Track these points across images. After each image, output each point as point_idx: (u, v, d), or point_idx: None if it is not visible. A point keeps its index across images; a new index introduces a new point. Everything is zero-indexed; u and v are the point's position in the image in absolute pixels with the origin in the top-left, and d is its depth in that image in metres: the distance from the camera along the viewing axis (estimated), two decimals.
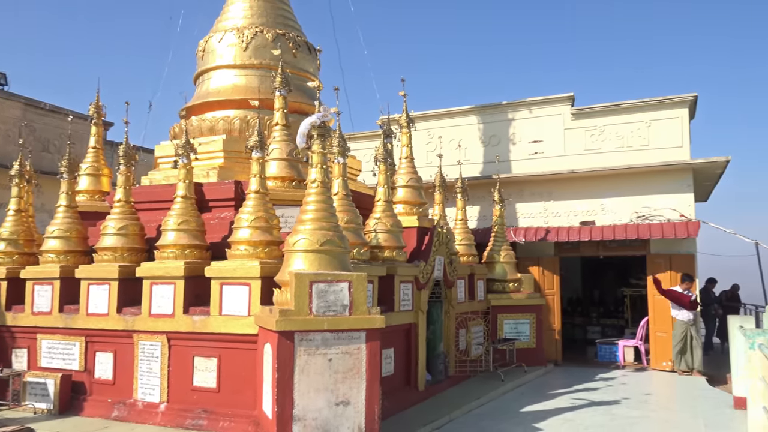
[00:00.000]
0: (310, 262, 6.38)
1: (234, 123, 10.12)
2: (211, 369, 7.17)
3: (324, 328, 6.02)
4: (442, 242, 9.65)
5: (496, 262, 12.18)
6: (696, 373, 11.24)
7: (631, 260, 15.53)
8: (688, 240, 12.09)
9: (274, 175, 8.82)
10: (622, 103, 12.87)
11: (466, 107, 14.37)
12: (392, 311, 8.16)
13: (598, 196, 12.91)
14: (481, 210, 13.94)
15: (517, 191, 13.53)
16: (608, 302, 17.74)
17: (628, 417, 8.05)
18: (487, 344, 10.96)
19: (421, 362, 8.86)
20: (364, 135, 14.86)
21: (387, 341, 7.97)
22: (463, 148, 13.95)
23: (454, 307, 10.22)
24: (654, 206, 12.40)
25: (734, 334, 8.49)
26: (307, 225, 6.55)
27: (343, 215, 7.59)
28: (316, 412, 5.92)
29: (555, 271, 13.24)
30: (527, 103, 13.77)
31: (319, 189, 6.76)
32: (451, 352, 10.12)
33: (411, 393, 8.55)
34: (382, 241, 8.56)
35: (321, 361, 6.01)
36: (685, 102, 12.41)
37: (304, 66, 11.03)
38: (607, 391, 9.80)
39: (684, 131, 12.40)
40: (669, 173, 12.30)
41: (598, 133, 13.09)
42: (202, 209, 8.45)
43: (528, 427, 7.52)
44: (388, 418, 7.43)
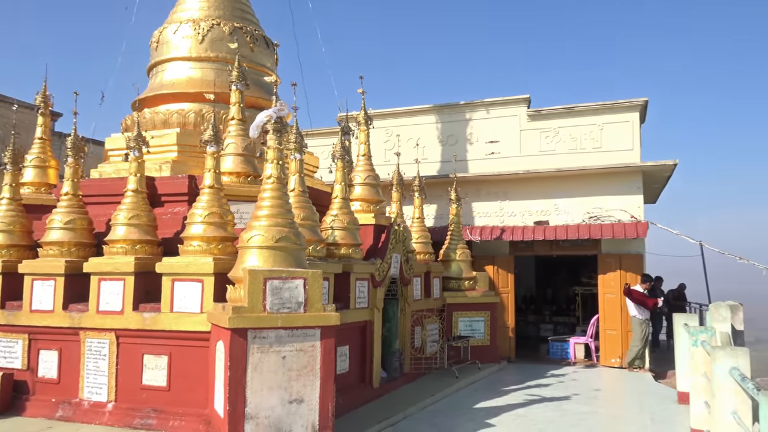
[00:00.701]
0: (265, 258, 6.30)
1: (188, 116, 9.92)
2: (162, 367, 7.01)
3: (278, 325, 5.96)
4: (398, 240, 9.67)
5: (452, 261, 12.28)
6: (630, 368, 11.63)
7: (582, 259, 15.90)
8: (637, 240, 12.44)
9: (229, 170, 8.68)
10: (576, 106, 13.14)
11: (425, 106, 14.44)
12: (348, 309, 8.13)
13: (552, 196, 13.15)
14: (438, 208, 14.03)
15: (473, 190, 13.67)
16: (561, 300, 18.14)
17: (578, 412, 8.23)
18: (442, 341, 11.05)
19: (377, 360, 8.86)
20: (322, 132, 14.77)
21: (342, 339, 7.94)
22: (421, 146, 14.01)
23: (410, 305, 10.26)
24: (605, 207, 12.71)
25: (679, 332, 8.77)
26: (262, 221, 6.47)
27: (299, 212, 7.53)
28: (269, 411, 5.86)
29: (509, 269, 13.44)
30: (485, 104, 13.92)
31: (274, 185, 6.68)
32: (406, 349, 10.16)
33: (366, 390, 8.55)
34: (339, 239, 8.52)
35: (275, 358, 5.94)
36: (636, 106, 12.76)
37: (261, 60, 10.89)
38: (558, 387, 10.00)
39: (635, 134, 12.74)
40: (620, 175, 12.63)
41: (552, 135, 13.34)
42: (154, 204, 8.26)
43: (480, 423, 7.61)
44: (342, 416, 7.41)
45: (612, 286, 12.53)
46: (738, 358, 4.92)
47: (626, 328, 12.27)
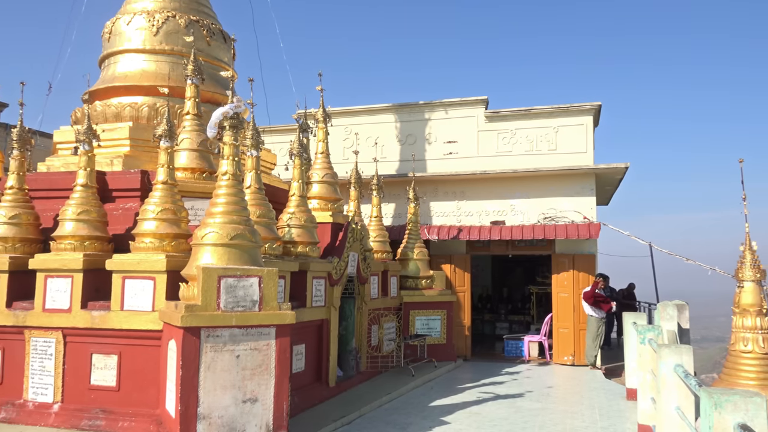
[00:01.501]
0: (219, 256, 6.20)
1: (142, 110, 9.69)
2: (111, 367, 6.83)
3: (232, 323, 5.88)
4: (356, 239, 9.66)
5: (409, 259, 12.34)
6: (592, 366, 11.88)
7: (537, 259, 16.20)
8: (590, 241, 12.74)
9: (183, 166, 8.51)
10: (532, 108, 13.36)
11: (384, 105, 14.46)
12: (304, 307, 8.08)
13: (508, 197, 13.34)
14: (396, 207, 14.07)
15: (431, 190, 13.76)
16: (516, 299, 18.44)
17: (531, 409, 8.38)
18: (399, 340, 11.09)
19: (333, 358, 8.83)
20: (280, 128, 14.63)
21: (298, 337, 7.90)
22: (380, 145, 14.03)
23: (367, 304, 10.26)
24: (559, 208, 12.96)
25: (628, 330, 9.02)
26: (217, 218, 6.37)
27: (255, 209, 7.44)
28: (222, 410, 5.78)
29: (466, 268, 13.58)
30: (443, 104, 14.03)
31: (230, 181, 6.58)
32: (363, 348, 10.16)
33: (322, 389, 8.51)
34: (296, 237, 8.46)
35: (228, 357, 5.86)
36: (590, 110, 13.05)
37: (218, 55, 10.72)
38: (512, 385, 10.16)
39: (588, 137, 13.04)
40: (574, 177, 12.90)
41: (509, 136, 13.53)
42: (105, 199, 8.03)
43: (435, 420, 7.67)
44: (297, 415, 7.37)
45: (565, 285, 12.79)
46: (682, 355, 5.09)
47: (579, 327, 12.55)
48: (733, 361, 7.18)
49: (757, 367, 6.96)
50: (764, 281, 7.29)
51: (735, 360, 7.13)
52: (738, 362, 7.09)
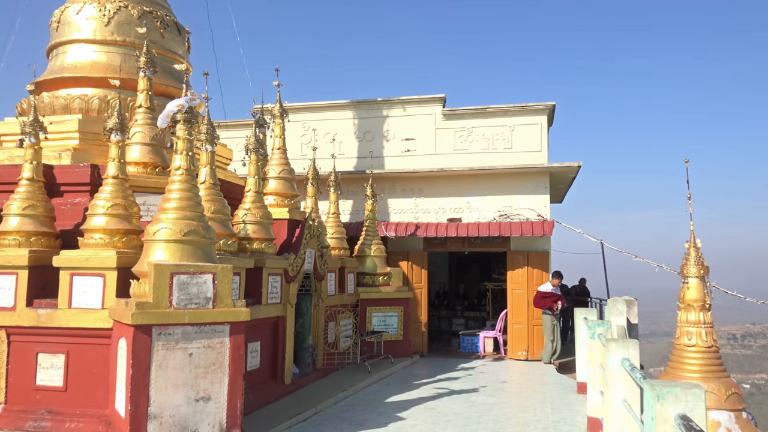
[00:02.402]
0: (172, 252, 6.08)
1: (92, 102, 9.41)
2: (58, 366, 6.62)
3: (185, 321, 5.78)
4: (313, 235, 9.62)
5: (366, 256, 12.36)
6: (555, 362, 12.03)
7: (493, 256, 16.45)
8: (544, 238, 12.99)
9: (135, 161, 8.31)
10: (489, 107, 13.53)
11: (342, 101, 14.43)
12: (260, 304, 8.01)
13: (465, 194, 13.49)
14: (354, 204, 14.07)
15: (389, 187, 13.80)
16: (472, 296, 18.69)
17: (484, 404, 8.51)
18: (356, 337, 11.10)
19: (289, 355, 8.78)
20: (237, 123, 14.44)
21: (253, 334, 7.82)
22: (338, 142, 14.00)
23: (324, 300, 10.23)
24: (515, 206, 13.18)
25: (579, 326, 9.24)
26: (170, 214, 6.24)
27: (209, 205, 7.33)
28: (174, 409, 5.67)
29: (423, 265, 13.68)
30: (401, 102, 14.08)
31: (183, 176, 6.46)
32: (319, 344, 10.13)
33: (277, 386, 8.45)
34: (251, 233, 8.37)
35: (181, 355, 5.76)
36: (545, 110, 13.30)
37: (172, 47, 10.49)
38: (467, 380, 10.29)
39: (543, 137, 13.29)
40: (529, 175, 13.13)
41: (466, 134, 13.67)
42: (53, 194, 7.78)
43: (391, 416, 7.71)
44: (252, 413, 7.31)
45: (520, 282, 13.02)
46: (629, 349, 5.24)
47: (533, 323, 12.80)
48: (677, 354, 7.44)
49: (700, 360, 7.23)
50: (707, 277, 7.58)
51: (679, 353, 7.39)
52: (682, 355, 7.35)
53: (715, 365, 7.28)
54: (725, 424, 6.94)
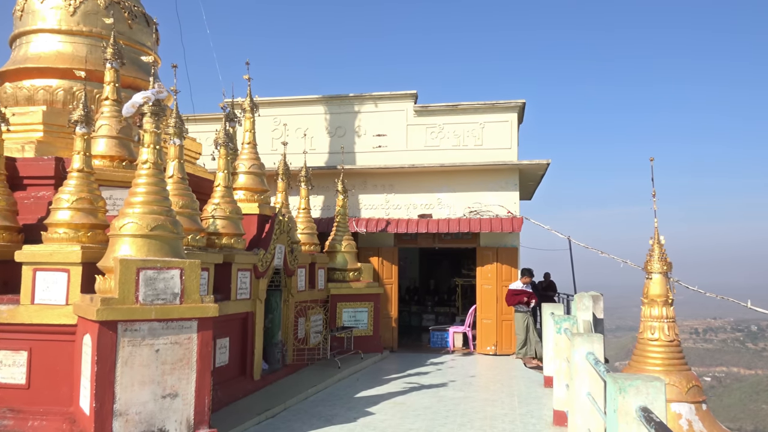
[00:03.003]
0: (139, 247, 6.00)
1: (57, 93, 9.21)
2: (20, 363, 6.46)
3: (151, 317, 5.71)
4: (283, 230, 9.57)
5: (337, 252, 12.35)
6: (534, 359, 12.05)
7: (463, 252, 16.58)
8: (513, 234, 13.15)
9: (101, 154, 8.15)
10: (460, 104, 13.62)
11: (314, 96, 14.37)
12: (229, 300, 7.95)
13: (435, 190, 13.57)
14: (325, 200, 14.04)
15: (360, 183, 13.81)
16: (442, 291, 18.82)
17: (453, 398, 8.59)
18: (326, 332, 11.09)
19: (258, 351, 8.74)
20: (206, 117, 14.27)
21: (222, 330, 7.76)
22: (309, 137, 13.95)
23: (294, 296, 10.20)
24: (484, 202, 13.31)
25: (546, 320, 9.38)
26: (137, 208, 6.15)
27: (177, 199, 7.24)
28: (141, 406, 5.61)
29: (394, 261, 13.72)
30: (373, 97, 14.08)
31: (151, 170, 6.36)
32: (289, 340, 10.10)
33: (246, 382, 8.41)
34: (220, 228, 8.29)
35: (147, 352, 5.69)
36: (515, 107, 13.44)
37: (140, 38, 10.31)
38: (436, 375, 10.38)
39: (513, 134, 13.43)
40: (498, 172, 13.27)
41: (437, 131, 13.75)
42: (16, 187, 7.60)
43: (361, 411, 7.73)
44: (221, 409, 7.26)
45: (489, 277, 13.16)
46: (593, 343, 5.35)
47: (501, 318, 12.95)
48: (641, 348, 7.62)
49: (663, 354, 7.42)
50: (670, 273, 7.77)
51: (643, 347, 7.57)
52: (645, 350, 7.52)
53: (677, 359, 7.47)
54: (686, 415, 7.14)
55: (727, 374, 66.98)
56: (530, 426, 7.14)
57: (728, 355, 72.59)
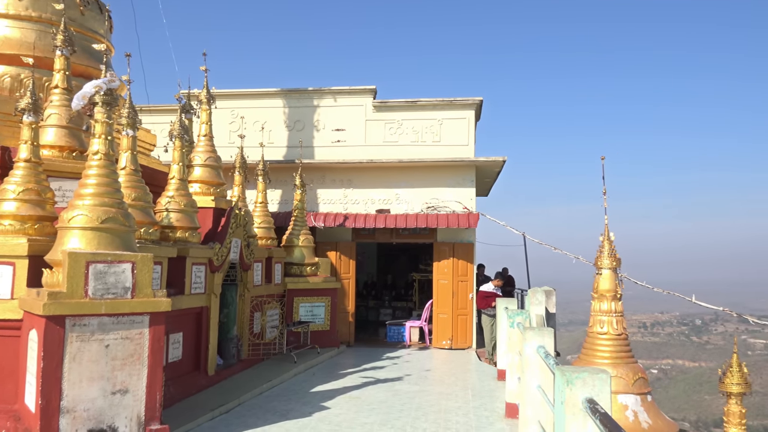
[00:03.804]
0: (88, 240, 5.85)
1: (3, 80, 8.87)
2: None
3: (101, 312, 5.59)
4: (239, 224, 9.47)
5: (294, 246, 12.28)
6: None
7: (421, 247, 16.70)
8: (469, 230, 13.32)
9: (50, 144, 7.90)
10: (418, 100, 13.70)
11: (272, 90, 14.23)
12: (183, 294, 7.84)
13: (393, 186, 13.63)
14: (282, 194, 13.94)
15: (319, 177, 13.75)
16: (400, 286, 18.93)
17: (408, 392, 8.67)
18: (282, 327, 11.03)
19: (212, 346, 8.63)
20: (161, 108, 13.96)
21: (175, 325, 7.65)
22: (267, 130, 13.81)
23: (250, 291, 10.11)
24: (442, 198, 13.43)
25: (501, 315, 9.55)
26: (87, 200, 6.00)
27: (130, 192, 7.09)
28: (89, 403, 5.48)
29: (351, 255, 13.73)
30: (332, 92, 14.02)
31: (102, 161, 6.21)
32: (245, 335, 10.01)
33: (200, 378, 8.30)
34: (175, 221, 8.15)
35: (97, 347, 5.57)
36: (472, 105, 13.59)
37: (92, 26, 10.01)
38: (392, 369, 10.45)
39: (470, 131, 13.58)
40: (456, 168, 13.40)
41: (396, 127, 13.79)
42: None
43: (316, 406, 7.73)
44: (173, 405, 7.16)
45: (446, 272, 13.30)
46: (544, 337, 5.48)
47: (457, 312, 13.12)
48: (590, 342, 7.84)
49: (611, 347, 7.65)
50: (619, 269, 8.01)
51: (592, 341, 7.79)
52: (595, 343, 7.75)
53: (624, 352, 7.72)
54: (632, 406, 7.38)
55: (672, 366, 69.44)
56: (483, 418, 7.27)
57: (674, 348, 75.25)
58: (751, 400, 33.58)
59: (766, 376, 58.02)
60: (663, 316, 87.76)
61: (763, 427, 48.27)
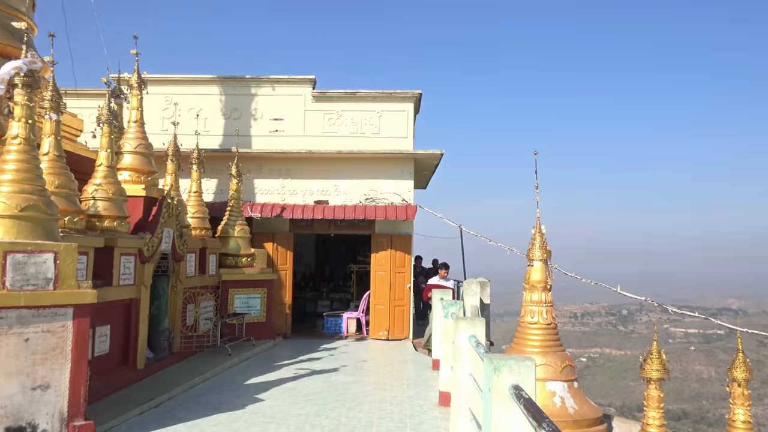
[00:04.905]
0: (6, 229, 5.55)
1: None
2: None
3: (20, 304, 5.32)
4: (171, 214, 9.21)
5: (230, 237, 12.06)
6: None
7: (359, 238, 16.70)
8: (407, 222, 13.43)
9: None
10: (358, 91, 13.67)
11: (208, 76, 13.88)
12: (110, 285, 7.57)
13: (332, 177, 13.57)
14: (218, 183, 13.64)
15: (256, 167, 13.54)
16: (338, 277, 18.90)
17: (344, 383, 8.68)
18: (216, 319, 10.83)
19: (142, 339, 8.39)
20: (89, 92, 13.37)
21: (102, 318, 7.39)
22: (203, 118, 13.47)
23: (183, 282, 9.86)
24: (380, 190, 13.48)
25: (436, 306, 9.69)
26: (5, 187, 5.69)
27: (53, 178, 6.77)
28: (7, 400, 5.22)
29: (289, 247, 13.61)
30: (271, 80, 13.81)
31: (22, 146, 5.90)
32: (177, 327, 9.76)
33: (129, 372, 8.06)
34: (102, 210, 7.85)
35: (15, 341, 5.30)
36: (411, 97, 13.67)
37: (11, 2, 9.44)
38: (328, 361, 10.44)
39: (409, 124, 13.67)
40: (395, 161, 13.47)
41: (335, 117, 13.73)
42: None
43: (250, 398, 7.64)
44: (100, 400, 6.92)
45: (383, 264, 13.37)
46: (476, 327, 5.60)
47: (394, 303, 13.22)
48: (522, 331, 8.08)
49: (541, 336, 7.90)
50: (550, 260, 8.27)
51: (523, 330, 8.03)
52: (525, 332, 7.99)
53: (553, 341, 7.99)
54: (559, 393, 7.66)
55: (600, 355, 72.44)
56: (417, 407, 7.37)
57: (602, 337, 78.50)
58: (671, 386, 35.43)
59: (685, 363, 61.42)
60: (592, 307, 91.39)
61: (682, 411, 51.09)
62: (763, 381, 54.91)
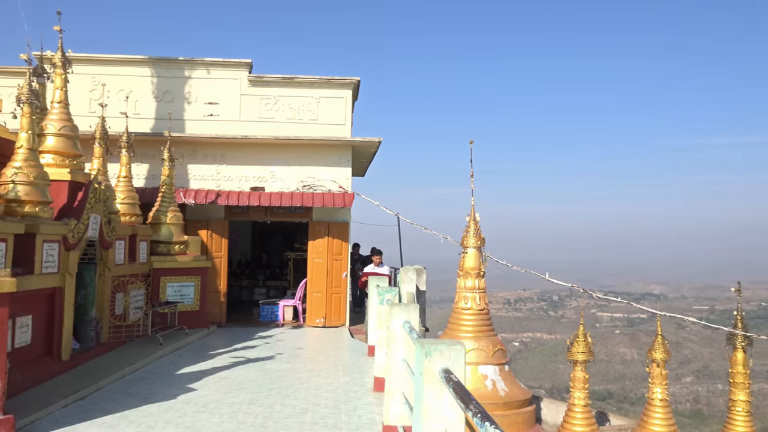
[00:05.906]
0: None
1: None
2: None
3: None
4: (99, 199, 8.87)
5: (162, 224, 11.73)
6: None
7: (296, 226, 16.60)
8: (345, 209, 13.42)
9: None
10: (296, 77, 13.50)
11: (139, 57, 13.38)
12: (32, 274, 7.23)
13: (269, 163, 13.38)
14: (150, 168, 13.21)
15: (190, 152, 13.19)
16: (275, 265, 18.71)
17: (279, 371, 8.64)
18: (147, 308, 10.53)
19: (67, 329, 8.07)
20: (8, 70, 12.64)
21: (23, 307, 7.07)
22: (133, 100, 13.01)
23: (111, 270, 9.54)
24: (318, 177, 13.40)
25: (372, 292, 9.76)
26: None
27: None
28: None
29: (224, 234, 13.36)
30: (205, 63, 13.45)
31: None
32: (105, 317, 9.44)
33: (53, 364, 7.74)
34: (22, 195, 7.46)
35: None
36: (350, 84, 13.62)
37: None
38: (263, 349, 10.35)
39: (347, 111, 13.62)
40: (332, 148, 13.41)
41: (272, 103, 13.52)
42: None
43: (182, 388, 7.49)
44: (21, 393, 6.64)
45: (321, 251, 13.33)
46: (410, 313, 5.68)
47: (331, 291, 13.22)
48: (455, 316, 8.25)
49: (474, 321, 8.10)
50: (483, 248, 8.46)
51: (457, 316, 8.20)
52: (459, 318, 8.16)
53: (486, 326, 8.21)
54: (491, 376, 7.88)
55: (532, 339, 74.89)
56: (351, 393, 7.42)
57: (534, 322, 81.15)
58: (597, 368, 37.04)
59: (610, 345, 64.30)
60: (525, 293, 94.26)
61: (606, 392, 53.56)
62: (680, 361, 58.20)
